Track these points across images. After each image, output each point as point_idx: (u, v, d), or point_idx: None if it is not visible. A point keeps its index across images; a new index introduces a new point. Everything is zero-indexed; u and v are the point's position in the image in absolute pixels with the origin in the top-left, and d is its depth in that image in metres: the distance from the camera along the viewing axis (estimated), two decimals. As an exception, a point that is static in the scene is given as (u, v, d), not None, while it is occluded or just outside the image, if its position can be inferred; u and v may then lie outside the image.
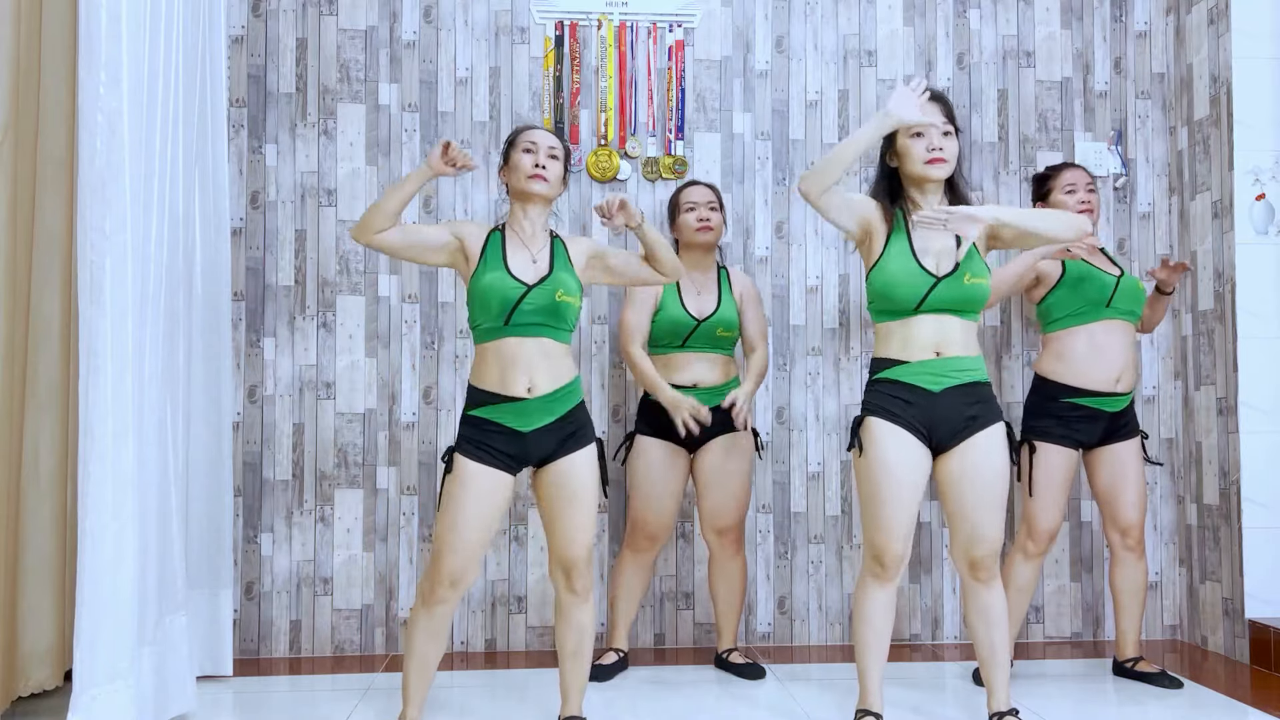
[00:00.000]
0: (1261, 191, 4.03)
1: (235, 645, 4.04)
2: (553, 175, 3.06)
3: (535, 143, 3.07)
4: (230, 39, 4.17)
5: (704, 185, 3.89)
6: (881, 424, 2.93)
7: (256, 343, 4.18)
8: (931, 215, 2.85)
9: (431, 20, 4.31)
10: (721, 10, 4.40)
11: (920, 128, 2.93)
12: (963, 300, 2.94)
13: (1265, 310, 4.01)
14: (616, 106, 4.33)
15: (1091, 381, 3.63)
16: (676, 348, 3.79)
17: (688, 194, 3.86)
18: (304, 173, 4.23)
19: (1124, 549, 3.70)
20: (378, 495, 4.18)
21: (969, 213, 2.85)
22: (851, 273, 4.38)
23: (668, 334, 3.78)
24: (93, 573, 2.60)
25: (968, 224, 2.84)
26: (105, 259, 2.64)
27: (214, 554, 3.72)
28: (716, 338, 3.80)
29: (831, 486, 4.33)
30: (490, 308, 2.95)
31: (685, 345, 3.78)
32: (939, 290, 2.92)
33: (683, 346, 3.78)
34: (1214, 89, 4.18)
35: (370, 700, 3.48)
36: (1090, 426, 3.65)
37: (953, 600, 4.33)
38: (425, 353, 4.23)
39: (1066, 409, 3.64)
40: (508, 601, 4.21)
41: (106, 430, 2.63)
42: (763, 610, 4.29)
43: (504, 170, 3.13)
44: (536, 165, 3.04)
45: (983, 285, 2.95)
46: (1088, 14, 4.51)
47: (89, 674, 2.59)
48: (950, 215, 2.84)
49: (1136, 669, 3.69)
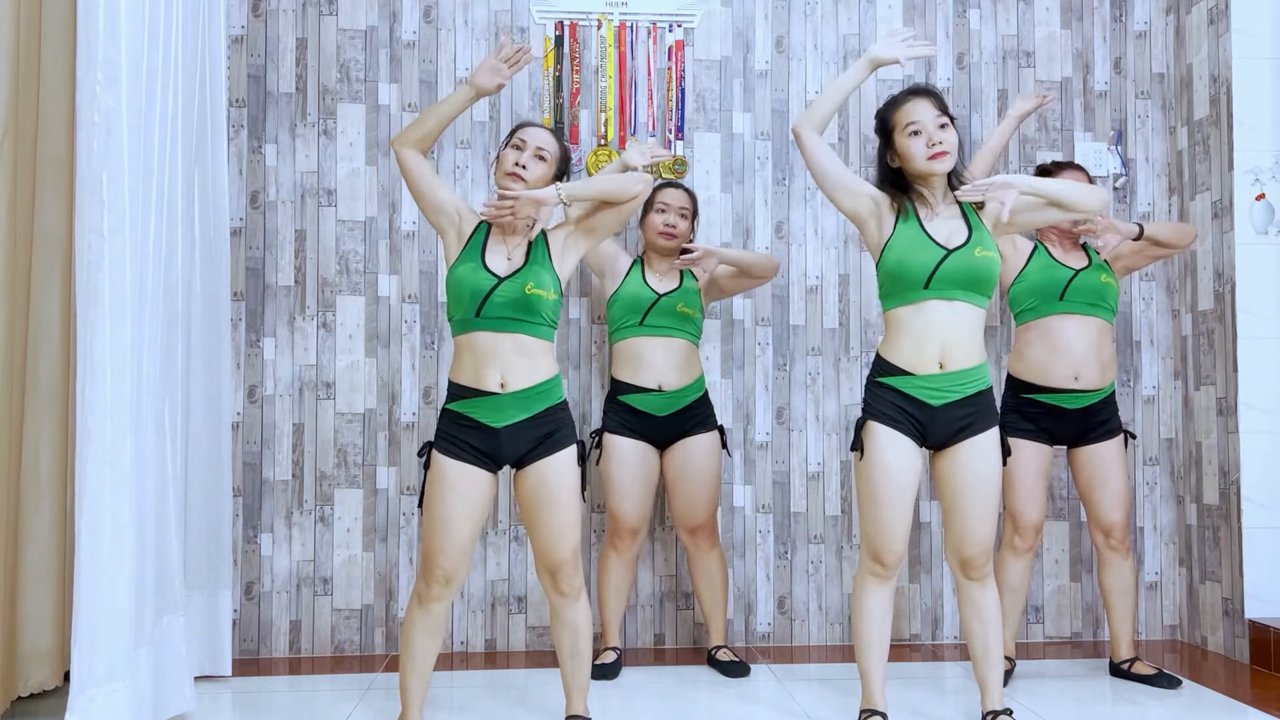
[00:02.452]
0: (1261, 191, 4.03)
1: (235, 645, 4.04)
2: (533, 175, 3.03)
3: (525, 140, 3.06)
4: (230, 39, 4.17)
5: (682, 190, 3.91)
6: (882, 429, 2.96)
7: (256, 343, 4.18)
8: (973, 188, 2.95)
9: (431, 20, 4.31)
10: (721, 10, 4.40)
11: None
12: (974, 274, 2.94)
13: (1265, 310, 4.00)
14: (616, 106, 4.33)
15: (1048, 378, 3.63)
16: (635, 327, 3.78)
17: (662, 195, 3.87)
18: (304, 173, 4.23)
19: (1108, 549, 3.69)
20: (378, 495, 4.18)
21: (1005, 180, 2.95)
22: (851, 273, 4.38)
23: (628, 309, 3.79)
24: (90, 573, 2.60)
25: (1005, 190, 2.94)
26: (103, 259, 2.64)
27: (213, 554, 3.72)
28: (677, 313, 3.79)
29: (831, 486, 4.33)
30: (463, 299, 2.95)
31: (644, 323, 3.78)
32: (950, 262, 2.93)
33: (642, 324, 3.78)
34: (1214, 89, 4.18)
35: (370, 700, 3.48)
36: (1056, 423, 3.64)
37: (952, 600, 4.33)
38: (425, 353, 4.23)
39: (1027, 405, 3.65)
40: (507, 601, 4.22)
41: (104, 431, 2.63)
42: (763, 610, 4.29)
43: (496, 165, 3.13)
44: (516, 164, 3.03)
45: (993, 259, 2.97)
46: (1088, 14, 4.50)
47: (87, 674, 2.59)
48: (991, 184, 2.94)
49: (1133, 670, 3.68)
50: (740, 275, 3.92)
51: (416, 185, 3.08)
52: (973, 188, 2.95)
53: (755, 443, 4.31)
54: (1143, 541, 4.39)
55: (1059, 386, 3.62)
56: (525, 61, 3.10)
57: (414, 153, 3.06)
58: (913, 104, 3.01)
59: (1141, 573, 4.38)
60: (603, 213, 3.08)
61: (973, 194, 2.95)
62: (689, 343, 3.84)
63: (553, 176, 3.08)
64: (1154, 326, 4.43)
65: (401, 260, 4.23)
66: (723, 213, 4.35)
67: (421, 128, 3.06)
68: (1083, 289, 3.65)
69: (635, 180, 3.07)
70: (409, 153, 3.06)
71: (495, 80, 3.06)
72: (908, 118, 3.00)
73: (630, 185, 3.05)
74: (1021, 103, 3.92)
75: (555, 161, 3.08)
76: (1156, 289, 4.44)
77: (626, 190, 3.05)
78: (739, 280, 3.94)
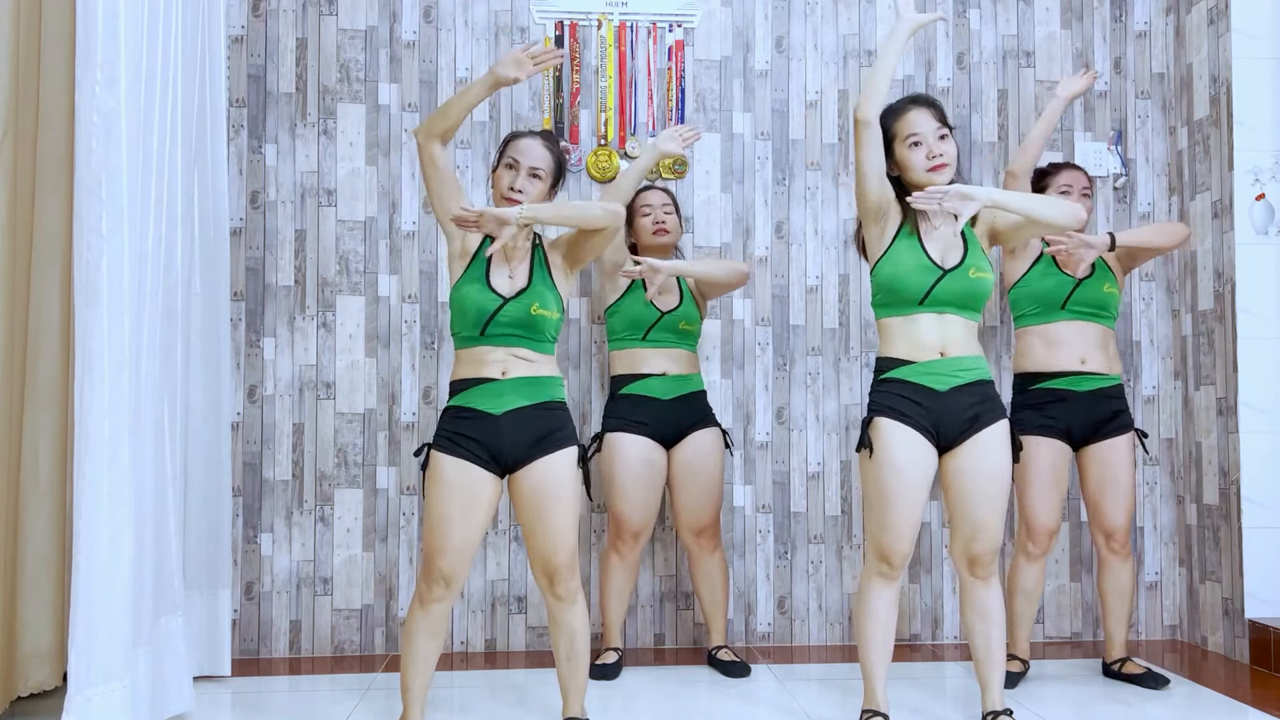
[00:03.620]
0: (1261, 191, 4.03)
1: (235, 645, 4.04)
2: (530, 198, 3.01)
3: (518, 160, 3.03)
4: (230, 39, 4.17)
5: (659, 189, 3.96)
6: (891, 424, 2.94)
7: (256, 343, 4.18)
8: (926, 196, 2.87)
9: (431, 20, 4.31)
10: (721, 10, 4.40)
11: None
12: (967, 295, 2.95)
13: (1265, 310, 4.00)
14: (616, 106, 4.33)
15: (1054, 364, 3.64)
16: (638, 340, 3.81)
17: (643, 198, 3.90)
18: (304, 173, 4.23)
19: (1108, 551, 3.69)
20: (378, 495, 4.18)
21: (964, 191, 2.87)
22: (851, 273, 4.38)
23: (630, 325, 3.81)
24: (88, 573, 2.60)
25: (961, 202, 2.85)
26: (101, 259, 2.63)
27: (212, 554, 3.72)
28: (679, 330, 3.83)
29: (831, 486, 4.33)
30: (467, 318, 2.96)
31: (647, 338, 3.80)
32: (945, 283, 2.93)
33: (644, 340, 3.80)
34: (1214, 89, 4.17)
35: (370, 700, 3.48)
36: (1067, 411, 3.62)
37: (953, 600, 4.33)
38: (425, 353, 4.23)
39: (1037, 395, 3.65)
40: (507, 601, 4.21)
41: (102, 431, 2.63)
42: (763, 610, 4.29)
43: (492, 176, 3.11)
44: (511, 188, 3.02)
45: (987, 280, 2.97)
46: (1088, 14, 4.50)
47: (84, 674, 2.58)
48: (946, 194, 2.86)
49: (1123, 671, 3.68)
50: (708, 284, 3.91)
51: (438, 178, 3.03)
52: (926, 195, 2.88)
53: (755, 443, 4.31)
54: (1143, 541, 4.39)
55: (1066, 370, 3.62)
56: (554, 63, 3.06)
57: (439, 144, 3.03)
58: (913, 114, 2.99)
59: (1141, 573, 4.38)
60: (584, 239, 3.06)
61: (925, 202, 2.88)
62: (688, 352, 3.88)
63: (550, 187, 3.08)
64: (1154, 326, 4.43)
65: (401, 260, 4.23)
66: (723, 213, 4.35)
67: (446, 118, 3.01)
68: (1085, 299, 3.66)
69: (604, 211, 3.01)
70: (434, 144, 3.02)
71: (518, 73, 3.01)
72: (909, 129, 2.98)
73: (597, 217, 3.00)
74: (1069, 82, 3.88)
75: (550, 175, 3.06)
76: (1156, 289, 4.44)
77: (593, 219, 3.00)
78: (710, 288, 3.93)
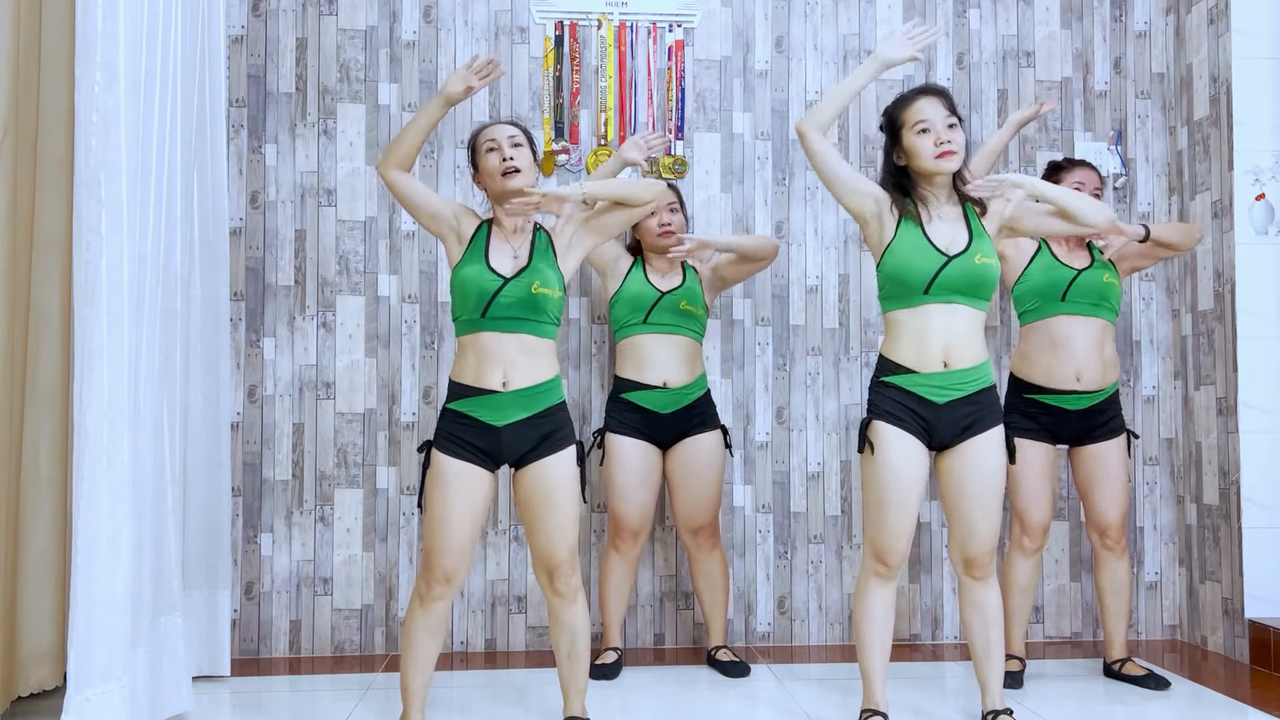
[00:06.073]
0: (1261, 191, 4.03)
1: (235, 645, 4.04)
2: (524, 162, 3.04)
3: (495, 139, 3.06)
4: (230, 39, 4.17)
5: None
6: (888, 429, 2.96)
7: (256, 343, 4.18)
8: (984, 184, 3.00)
9: (431, 20, 4.31)
10: (721, 10, 4.40)
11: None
12: (974, 281, 2.95)
13: (1265, 310, 4.00)
14: (616, 106, 4.33)
15: (1050, 380, 3.64)
16: (639, 325, 3.79)
17: None
18: (303, 172, 4.23)
19: (1103, 548, 3.70)
20: (378, 495, 4.18)
21: (1016, 179, 3.01)
22: (851, 273, 4.38)
23: (631, 308, 3.80)
24: (87, 573, 2.60)
25: (1014, 189, 3.00)
26: (100, 259, 2.64)
27: (212, 554, 3.72)
28: (680, 311, 3.81)
29: (831, 486, 4.33)
30: (469, 300, 2.97)
31: (648, 321, 3.78)
32: (950, 269, 2.94)
33: (646, 322, 3.79)
34: (1214, 89, 4.17)
35: (370, 700, 3.48)
36: (1058, 423, 3.64)
37: (952, 600, 4.33)
38: (425, 353, 4.23)
39: (1029, 405, 3.66)
40: (507, 601, 4.22)
41: (102, 431, 2.63)
42: (763, 610, 4.29)
43: (477, 177, 3.12)
44: (505, 160, 3.03)
45: (993, 266, 2.99)
46: (1088, 14, 4.50)
47: (83, 674, 2.59)
48: (1002, 181, 3.00)
49: (1123, 671, 3.68)
50: (740, 261, 3.91)
51: (409, 201, 3.10)
52: (985, 183, 2.99)
53: (755, 443, 4.31)
54: (1143, 541, 4.39)
55: (1061, 388, 3.63)
56: (496, 75, 3.13)
57: (398, 172, 3.08)
58: (923, 102, 3.01)
59: (1141, 573, 4.38)
60: (613, 213, 3.11)
61: (983, 190, 2.99)
62: (693, 340, 3.85)
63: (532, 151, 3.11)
64: (1154, 326, 4.43)
65: (401, 260, 4.24)
66: (723, 213, 4.35)
67: (401, 148, 3.07)
68: (1085, 289, 3.65)
69: (649, 187, 3.10)
70: (394, 174, 3.08)
71: (463, 86, 3.07)
72: (917, 116, 3.00)
73: (645, 192, 3.09)
74: (1021, 111, 4.00)
75: (527, 139, 3.10)
76: (1156, 289, 4.43)
77: (640, 196, 3.09)
78: (740, 266, 3.93)
